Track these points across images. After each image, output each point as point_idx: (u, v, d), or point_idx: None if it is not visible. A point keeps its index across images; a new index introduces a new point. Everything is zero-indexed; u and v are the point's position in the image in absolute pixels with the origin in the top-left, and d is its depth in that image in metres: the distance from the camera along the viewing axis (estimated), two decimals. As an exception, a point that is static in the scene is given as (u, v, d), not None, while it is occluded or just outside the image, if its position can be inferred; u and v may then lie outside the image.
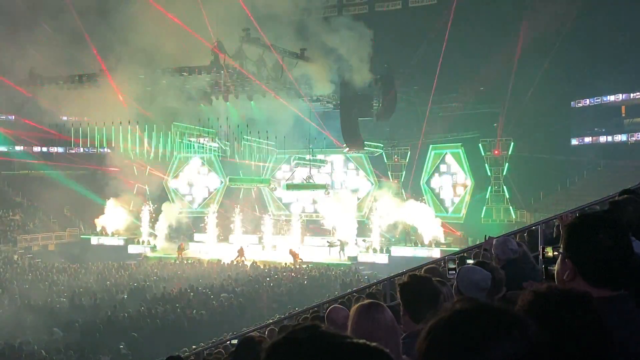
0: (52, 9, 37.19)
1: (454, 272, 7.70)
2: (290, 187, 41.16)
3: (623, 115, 42.07)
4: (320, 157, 42.43)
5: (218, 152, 44.70)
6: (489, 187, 40.25)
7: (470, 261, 7.02)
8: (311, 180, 40.56)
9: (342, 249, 37.58)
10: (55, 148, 47.66)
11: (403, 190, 42.13)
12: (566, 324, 1.65)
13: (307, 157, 41.03)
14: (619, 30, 35.39)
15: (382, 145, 43.11)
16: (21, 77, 39.41)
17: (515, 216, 38.34)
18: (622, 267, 2.09)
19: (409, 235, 38.88)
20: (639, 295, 2.21)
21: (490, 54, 36.49)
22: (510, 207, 39.33)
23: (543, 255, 4.73)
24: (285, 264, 34.64)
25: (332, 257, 37.20)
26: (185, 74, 39.00)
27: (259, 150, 43.10)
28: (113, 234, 43.68)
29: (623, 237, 2.12)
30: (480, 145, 40.45)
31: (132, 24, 34.90)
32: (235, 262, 35.42)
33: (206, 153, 45.32)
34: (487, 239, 6.10)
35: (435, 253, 32.73)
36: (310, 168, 41.02)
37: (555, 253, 2.38)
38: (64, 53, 37.72)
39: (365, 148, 41.74)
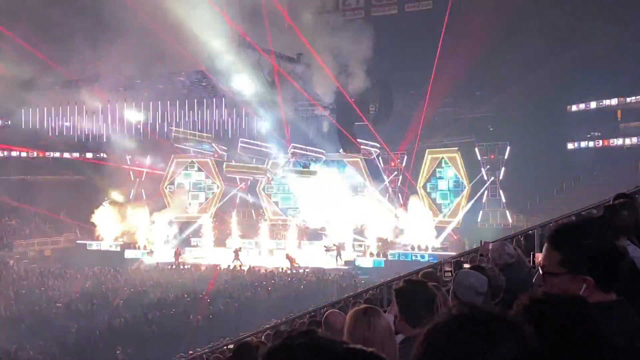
0: (49, 14, 37.18)
1: (450, 275, 7.73)
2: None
3: (619, 119, 42.18)
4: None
5: (214, 156, 44.65)
6: (486, 192, 40.26)
7: (466, 265, 7.03)
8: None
9: (338, 253, 37.51)
10: (52, 153, 47.56)
11: (400, 195, 42.12)
12: (562, 329, 1.65)
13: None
14: (615, 34, 35.49)
15: (378, 145, 43.05)
16: (18, 81, 39.38)
17: (512, 220, 38.35)
18: (618, 269, 2.09)
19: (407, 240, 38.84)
20: (635, 300, 2.22)
21: (488, 58, 36.59)
22: (507, 212, 39.32)
23: (533, 262, 4.76)
24: (282, 268, 34.57)
25: (328, 261, 37.11)
26: (182, 78, 39.10)
27: (255, 153, 43.01)
28: (109, 239, 43.51)
29: (609, 240, 2.12)
30: (476, 149, 40.48)
31: (130, 29, 34.92)
32: (232, 267, 35.37)
33: (203, 157, 45.26)
34: (482, 244, 6.05)
35: (432, 257, 32.69)
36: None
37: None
38: (60, 58, 37.71)
39: (362, 147, 41.70)
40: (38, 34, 37.19)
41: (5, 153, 47.73)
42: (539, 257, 4.48)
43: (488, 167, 40.37)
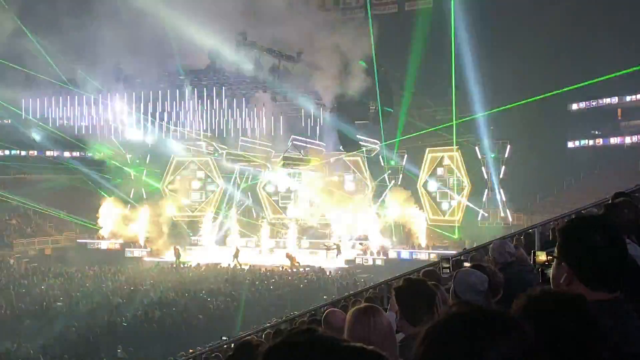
0: (49, 15, 37.17)
1: (448, 270, 7.73)
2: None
3: (619, 117, 42.16)
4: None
5: (214, 155, 44.62)
6: (486, 190, 40.19)
7: (466, 264, 7.03)
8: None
9: (339, 252, 37.53)
10: (52, 152, 47.56)
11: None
12: (560, 326, 1.66)
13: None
14: (615, 33, 35.45)
15: (377, 142, 42.97)
16: (18, 81, 39.38)
17: (512, 219, 38.31)
18: (619, 269, 2.09)
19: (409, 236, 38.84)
20: (635, 297, 2.22)
21: (487, 57, 36.53)
22: (507, 210, 39.28)
23: (533, 260, 4.76)
24: (282, 267, 34.57)
25: (329, 260, 37.13)
26: (182, 77, 39.11)
27: (255, 152, 42.97)
28: (109, 238, 43.53)
29: (618, 239, 2.13)
30: (476, 148, 40.42)
31: (130, 28, 34.90)
32: (233, 266, 35.38)
33: (203, 156, 45.21)
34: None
35: (433, 256, 32.67)
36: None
37: (549, 257, 2.38)
38: (60, 58, 37.69)
39: (361, 143, 41.62)
40: (36, 30, 37.27)
41: (6, 152, 47.74)
42: (540, 255, 4.49)
43: (488, 165, 40.22)
